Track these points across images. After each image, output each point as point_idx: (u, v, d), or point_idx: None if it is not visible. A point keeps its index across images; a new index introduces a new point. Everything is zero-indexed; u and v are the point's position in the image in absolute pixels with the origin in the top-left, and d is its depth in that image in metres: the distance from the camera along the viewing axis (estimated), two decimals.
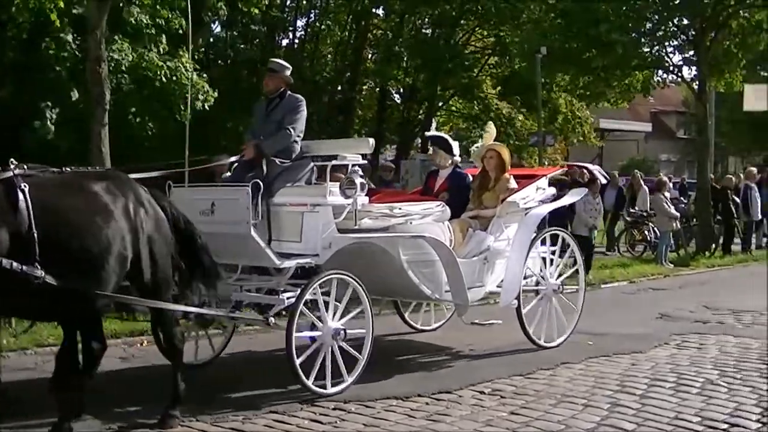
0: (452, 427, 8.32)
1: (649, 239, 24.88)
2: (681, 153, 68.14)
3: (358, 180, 9.81)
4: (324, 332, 9.39)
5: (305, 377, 9.10)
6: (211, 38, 30.54)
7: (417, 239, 10.49)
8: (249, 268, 10.15)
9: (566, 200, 14.02)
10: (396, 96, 38.38)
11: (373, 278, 10.20)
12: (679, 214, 23.95)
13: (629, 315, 15.03)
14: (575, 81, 28.71)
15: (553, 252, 12.24)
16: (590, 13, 24.16)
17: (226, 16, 26.82)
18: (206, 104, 20.94)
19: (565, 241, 12.54)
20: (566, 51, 25.64)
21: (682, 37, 26.24)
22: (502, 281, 11.51)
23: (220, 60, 31.21)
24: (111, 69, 17.63)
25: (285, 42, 34.91)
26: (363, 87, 36.61)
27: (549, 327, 11.97)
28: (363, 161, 10.34)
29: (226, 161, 10.47)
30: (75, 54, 20.30)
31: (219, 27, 31.00)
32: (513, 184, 11.92)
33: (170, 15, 20.18)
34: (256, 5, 22.49)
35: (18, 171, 7.34)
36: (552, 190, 12.80)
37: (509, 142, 34.87)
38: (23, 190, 7.17)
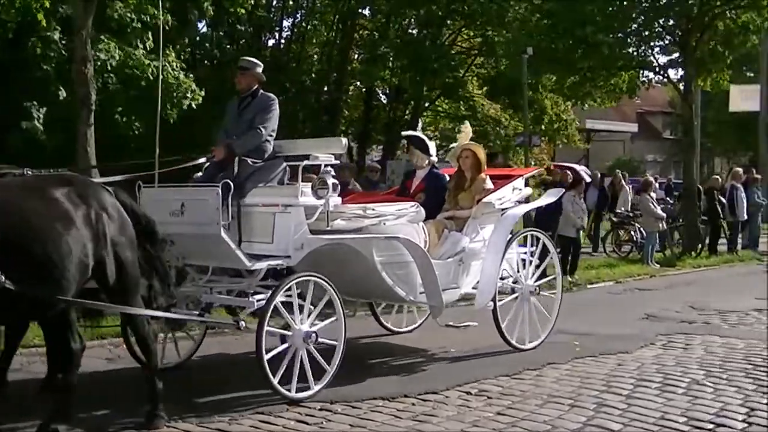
0: (438, 428, 8.32)
1: (636, 239, 24.95)
2: (667, 153, 68.27)
3: (330, 180, 9.72)
4: (295, 335, 9.29)
5: (275, 381, 8.98)
6: (198, 38, 30.45)
7: (391, 240, 10.40)
8: (220, 270, 10.04)
9: (542, 201, 14.04)
10: (382, 96, 38.31)
11: (347, 280, 10.15)
12: (666, 215, 23.98)
13: (615, 315, 15.06)
14: (561, 81, 28.72)
15: (530, 253, 12.18)
16: (576, 14, 24.18)
17: (213, 16, 26.73)
18: (194, 103, 20.89)
19: (541, 242, 12.42)
20: (552, 51, 25.66)
21: (668, 38, 26.28)
22: (478, 283, 11.43)
23: (207, 60, 31.12)
24: (97, 68, 17.57)
25: (271, 42, 34.89)
26: (349, 87, 36.55)
27: (525, 329, 11.89)
28: (335, 161, 10.15)
29: (197, 161, 10.30)
30: (62, 53, 20.24)
31: (205, 27, 30.95)
32: (489, 185, 11.84)
33: (155, 12, 20.08)
34: (242, 5, 22.42)
35: None
36: (528, 191, 12.79)
37: (496, 143, 34.95)
38: None
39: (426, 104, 36.55)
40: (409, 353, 11.78)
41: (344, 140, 10.58)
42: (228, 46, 31.22)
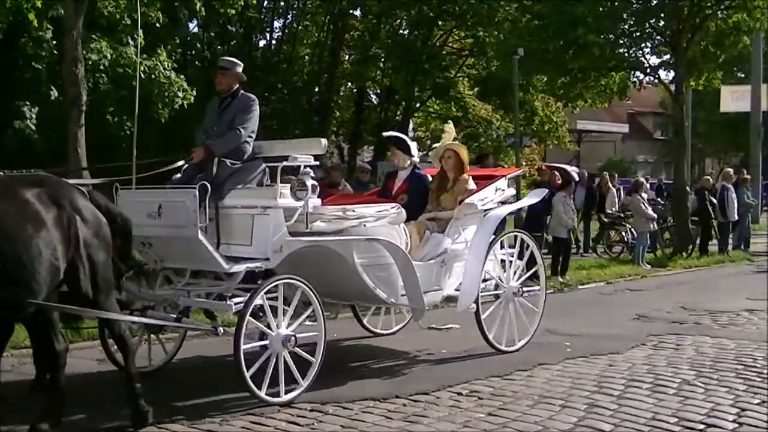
0: (430, 428, 8.32)
1: (627, 240, 24.97)
2: (658, 154, 68.53)
3: (309, 182, 9.59)
4: (274, 339, 9.20)
5: (254, 385, 8.90)
6: (188, 38, 30.44)
7: (371, 242, 10.28)
8: (198, 273, 9.93)
9: (524, 202, 13.97)
10: (373, 97, 38.34)
11: (327, 282, 10.05)
12: (657, 215, 24.00)
13: (606, 316, 15.07)
14: (552, 82, 28.73)
15: (513, 254, 12.07)
16: (566, 16, 24.18)
17: (203, 17, 26.73)
18: (185, 102, 20.89)
19: (525, 243, 12.32)
20: (543, 52, 25.64)
21: (659, 39, 26.29)
22: (460, 284, 11.32)
23: (198, 61, 31.12)
24: (88, 68, 17.54)
25: (262, 43, 34.90)
26: (340, 88, 36.55)
27: (509, 330, 11.78)
28: (315, 162, 9.97)
29: (175, 165, 10.20)
30: (53, 52, 20.22)
31: (196, 27, 30.95)
32: (471, 185, 11.69)
33: (145, 9, 20.05)
34: (232, 6, 22.43)
35: None
36: (512, 191, 12.73)
37: (487, 144, 35.00)
38: None
39: (417, 105, 36.58)
40: (398, 355, 11.73)
41: (324, 141, 10.30)
42: (219, 47, 31.22)
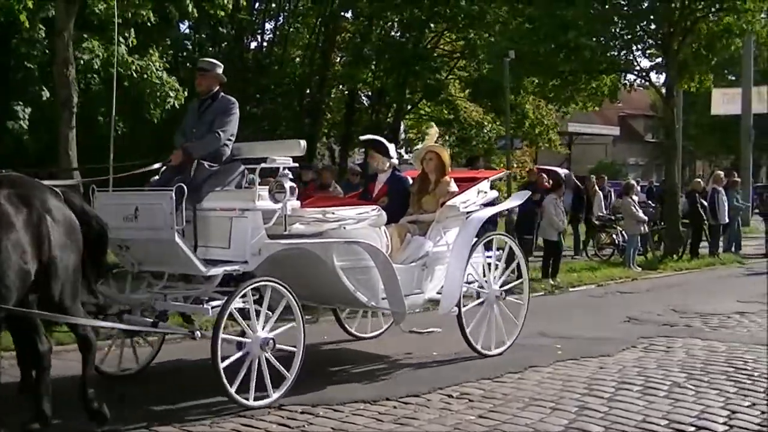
0: (420, 431, 8.32)
1: (617, 243, 24.98)
2: (649, 156, 68.62)
3: (288, 184, 9.49)
4: (252, 342, 9.15)
5: (232, 388, 8.83)
6: (179, 40, 30.40)
7: (351, 245, 10.20)
8: (176, 276, 9.87)
9: (507, 204, 13.94)
10: (365, 99, 38.32)
11: (306, 285, 10.03)
12: (647, 218, 24.02)
13: (597, 318, 15.07)
14: (543, 85, 28.74)
15: (497, 258, 11.99)
16: (558, 19, 24.19)
17: (195, 18, 26.65)
18: (177, 102, 20.86)
19: (507, 245, 12.26)
20: (534, 55, 25.65)
21: (650, 41, 26.31)
22: (442, 288, 11.24)
23: (189, 63, 31.07)
24: (80, 68, 17.50)
25: (253, 45, 34.87)
26: (332, 90, 36.51)
27: (493, 333, 11.69)
28: (293, 164, 9.87)
29: (153, 166, 10.13)
30: (45, 52, 20.18)
31: (187, 29, 30.90)
32: (453, 188, 11.60)
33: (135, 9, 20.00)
34: (222, 8, 22.35)
35: None
36: (495, 193, 12.68)
37: (478, 146, 35.02)
38: None
39: (408, 107, 36.57)
40: (387, 357, 11.70)
41: (303, 142, 10.09)
42: (210, 48, 31.19)
